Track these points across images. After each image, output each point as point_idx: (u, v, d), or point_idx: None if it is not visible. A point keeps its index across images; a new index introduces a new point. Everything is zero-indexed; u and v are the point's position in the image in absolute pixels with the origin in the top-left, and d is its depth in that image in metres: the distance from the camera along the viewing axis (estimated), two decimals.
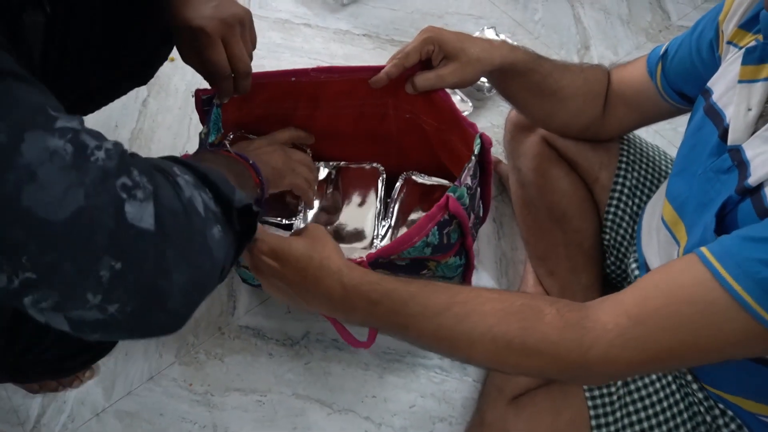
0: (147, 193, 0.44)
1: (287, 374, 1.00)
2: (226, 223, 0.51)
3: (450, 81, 0.81)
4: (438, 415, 0.98)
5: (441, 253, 0.80)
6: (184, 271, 0.45)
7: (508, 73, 0.82)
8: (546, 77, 0.83)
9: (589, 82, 0.86)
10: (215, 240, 0.49)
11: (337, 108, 0.92)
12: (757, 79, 0.61)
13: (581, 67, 0.88)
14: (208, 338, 1.03)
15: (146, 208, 0.44)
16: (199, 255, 0.47)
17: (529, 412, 0.80)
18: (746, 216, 0.57)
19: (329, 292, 0.62)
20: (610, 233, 0.95)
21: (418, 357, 1.03)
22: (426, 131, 0.94)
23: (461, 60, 0.79)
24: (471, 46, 0.80)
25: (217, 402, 0.97)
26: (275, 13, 1.52)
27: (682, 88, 0.79)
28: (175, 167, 0.50)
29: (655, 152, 0.97)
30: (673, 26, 1.59)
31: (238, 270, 0.98)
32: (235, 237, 0.54)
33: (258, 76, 0.83)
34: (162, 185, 0.46)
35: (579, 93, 0.85)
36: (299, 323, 1.05)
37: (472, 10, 1.57)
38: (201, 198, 0.49)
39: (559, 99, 0.85)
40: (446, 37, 0.79)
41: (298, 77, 0.87)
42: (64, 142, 0.41)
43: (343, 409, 0.98)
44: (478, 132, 0.81)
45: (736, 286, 0.50)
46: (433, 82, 0.82)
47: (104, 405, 0.96)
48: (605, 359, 0.54)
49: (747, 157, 0.59)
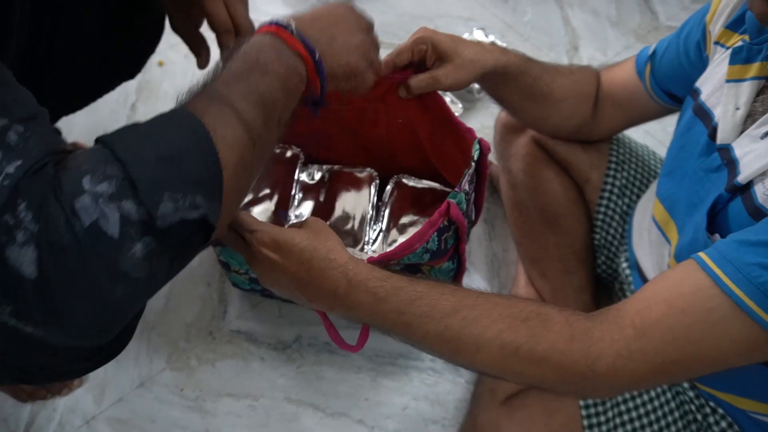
0: (27, 236, 0.40)
1: (279, 379, 1.00)
2: (161, 232, 0.44)
3: (444, 83, 0.80)
4: (431, 418, 0.98)
5: (437, 258, 0.80)
6: (79, 307, 0.42)
7: (499, 76, 0.82)
8: (537, 80, 0.83)
9: (579, 84, 0.86)
10: (135, 260, 0.43)
11: (330, 112, 0.92)
12: (744, 78, 0.62)
13: (571, 69, 0.88)
14: (199, 343, 1.03)
15: (26, 252, 0.40)
16: (101, 287, 0.42)
17: (522, 413, 0.79)
18: (736, 214, 0.57)
19: (334, 285, 0.59)
20: (600, 233, 0.95)
21: (411, 360, 1.03)
22: (418, 135, 0.94)
23: (455, 62, 0.79)
24: (464, 48, 0.79)
25: (209, 407, 0.97)
26: (263, 16, 1.49)
27: (670, 88, 0.79)
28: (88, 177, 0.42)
29: (645, 152, 0.97)
30: (661, 27, 1.60)
31: (229, 275, 0.97)
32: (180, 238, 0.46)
33: None
34: (53, 218, 0.41)
35: (569, 95, 0.85)
36: (291, 327, 1.05)
37: (462, 13, 1.58)
38: (119, 213, 0.42)
39: (550, 102, 0.85)
40: (439, 38, 0.79)
41: None
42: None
43: (336, 413, 0.97)
44: (476, 138, 0.81)
45: (737, 291, 0.50)
46: (427, 83, 0.81)
47: (94, 412, 0.95)
48: (612, 371, 0.53)
49: (736, 156, 0.60)
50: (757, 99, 0.61)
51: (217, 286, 1.09)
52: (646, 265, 0.78)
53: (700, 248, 0.60)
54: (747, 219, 0.55)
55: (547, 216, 0.97)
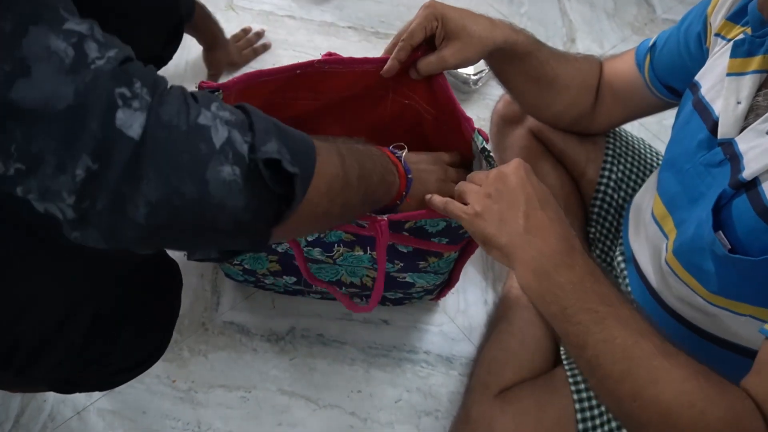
0: (143, 104, 0.44)
1: (272, 370, 0.99)
2: (251, 174, 0.48)
3: (452, 62, 0.79)
4: (424, 410, 0.97)
5: (453, 243, 0.81)
6: (156, 186, 0.44)
7: (507, 54, 0.80)
8: (544, 64, 0.82)
9: (583, 72, 0.85)
10: (220, 176, 0.46)
11: (337, 98, 0.91)
12: (745, 72, 0.61)
13: (576, 57, 0.88)
14: (191, 334, 1.02)
15: (138, 117, 0.43)
16: (182, 177, 0.45)
17: (515, 407, 0.79)
18: (742, 212, 0.56)
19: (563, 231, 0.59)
20: (596, 226, 0.95)
21: (404, 352, 1.02)
22: (423, 118, 0.93)
23: (462, 39, 0.77)
24: (473, 23, 0.77)
25: (201, 399, 0.96)
26: (259, 4, 1.50)
27: (670, 81, 0.79)
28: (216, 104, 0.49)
29: (641, 145, 0.97)
30: (658, 19, 1.59)
31: (222, 266, 0.96)
32: (265, 194, 0.50)
33: (265, 73, 0.83)
34: (170, 102, 0.46)
35: (573, 83, 0.85)
36: (284, 319, 1.04)
37: (458, 3, 1.55)
38: (228, 134, 0.47)
39: (555, 88, 0.84)
40: (449, 13, 0.77)
41: (303, 69, 0.86)
42: (67, 45, 0.42)
43: (329, 405, 0.97)
44: (474, 128, 0.80)
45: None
46: (435, 65, 0.79)
47: (85, 403, 0.95)
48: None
49: (740, 150, 0.59)
50: (760, 93, 0.60)
51: (210, 277, 1.08)
52: (642, 260, 0.78)
53: (704, 245, 0.59)
54: (755, 219, 0.54)
55: None
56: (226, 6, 1.49)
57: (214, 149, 0.46)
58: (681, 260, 0.66)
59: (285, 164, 0.48)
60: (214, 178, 0.46)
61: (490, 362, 0.85)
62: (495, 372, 0.84)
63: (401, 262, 0.85)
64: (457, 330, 1.06)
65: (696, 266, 0.63)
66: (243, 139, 0.48)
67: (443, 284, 0.97)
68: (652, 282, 0.75)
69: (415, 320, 1.06)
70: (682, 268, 0.66)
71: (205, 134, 0.46)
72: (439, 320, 1.07)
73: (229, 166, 0.47)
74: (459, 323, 1.06)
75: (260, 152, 0.48)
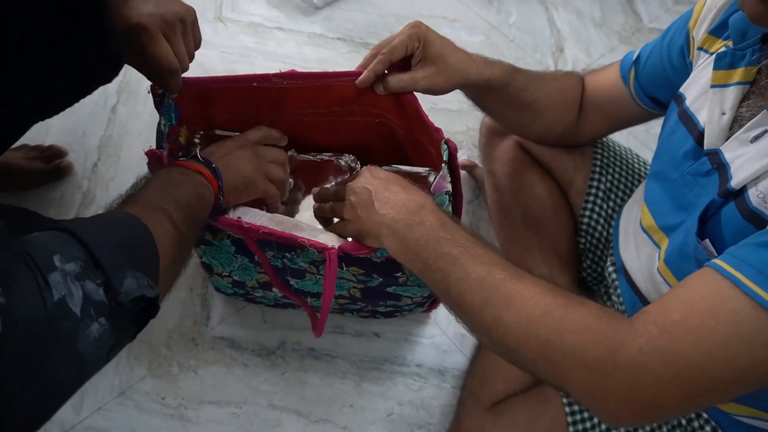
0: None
1: (263, 385, 0.99)
2: (115, 313, 0.46)
3: (422, 85, 0.80)
4: (416, 423, 0.97)
5: None
6: (31, 391, 0.41)
7: (482, 88, 0.82)
8: (521, 91, 0.83)
9: (564, 90, 0.86)
10: (90, 340, 0.44)
11: (300, 115, 0.90)
12: (728, 84, 0.62)
13: (556, 75, 0.88)
14: (181, 350, 1.01)
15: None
16: (57, 368, 0.42)
17: (507, 420, 0.79)
18: (730, 218, 0.57)
19: (410, 199, 0.65)
20: (585, 236, 0.95)
21: (396, 365, 1.02)
22: (396, 132, 0.93)
23: (438, 66, 0.78)
24: (451, 53, 0.78)
25: (191, 415, 0.95)
26: (247, 16, 1.50)
27: (654, 93, 0.79)
28: (57, 256, 0.44)
29: (629, 155, 0.97)
30: (644, 29, 1.60)
31: (211, 278, 0.96)
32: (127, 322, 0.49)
33: (219, 80, 0.82)
34: (23, 291, 0.41)
35: (554, 103, 0.85)
36: (275, 333, 1.03)
37: (446, 13, 1.57)
38: (83, 291, 0.44)
39: (535, 110, 0.85)
40: (432, 38, 0.78)
41: (260, 83, 0.85)
42: None
43: (321, 420, 0.96)
44: (443, 137, 0.80)
45: (760, 292, 0.47)
46: (406, 84, 0.80)
47: (73, 422, 0.93)
48: (632, 365, 0.49)
49: (726, 160, 0.60)
50: (743, 104, 0.61)
51: (200, 291, 1.07)
52: (633, 269, 0.78)
53: (690, 252, 0.60)
54: (741, 222, 0.55)
55: (530, 219, 0.97)
56: (215, 18, 1.49)
57: (77, 318, 0.43)
58: (672, 268, 0.66)
59: (148, 293, 0.49)
60: (86, 344, 0.44)
61: (481, 374, 0.85)
62: (486, 384, 0.84)
63: (380, 276, 0.84)
64: (449, 342, 1.05)
65: (686, 274, 0.64)
66: (96, 285, 0.45)
67: (433, 297, 0.97)
68: (643, 291, 0.75)
69: (406, 333, 1.06)
70: (673, 276, 0.66)
71: (67, 308, 0.43)
72: (430, 332, 1.06)
73: (95, 323, 0.45)
74: (451, 335, 1.06)
75: (122, 294, 0.47)
